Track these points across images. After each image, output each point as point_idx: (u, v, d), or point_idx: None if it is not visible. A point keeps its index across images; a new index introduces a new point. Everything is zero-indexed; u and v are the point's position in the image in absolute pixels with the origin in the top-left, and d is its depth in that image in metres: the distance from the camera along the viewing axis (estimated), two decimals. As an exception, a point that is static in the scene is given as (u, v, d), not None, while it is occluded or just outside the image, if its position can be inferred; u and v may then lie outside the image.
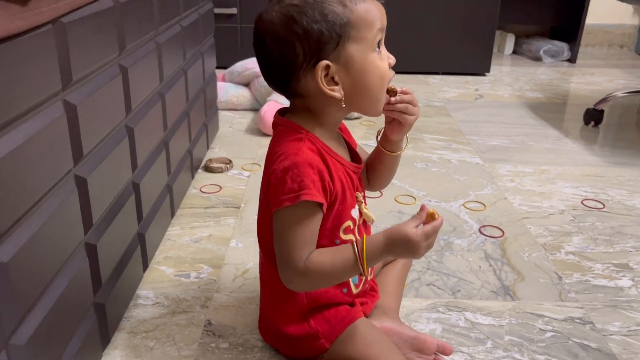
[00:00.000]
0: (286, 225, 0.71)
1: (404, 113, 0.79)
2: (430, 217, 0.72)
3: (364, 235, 0.74)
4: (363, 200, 0.82)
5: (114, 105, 0.86)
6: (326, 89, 0.71)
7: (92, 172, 0.77)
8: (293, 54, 0.70)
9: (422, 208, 0.72)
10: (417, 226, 0.71)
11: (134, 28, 0.95)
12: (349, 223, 0.78)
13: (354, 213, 0.79)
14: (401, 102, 0.78)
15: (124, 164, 0.92)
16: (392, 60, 0.76)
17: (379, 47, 0.73)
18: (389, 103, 0.78)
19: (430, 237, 0.71)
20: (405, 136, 0.85)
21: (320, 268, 0.71)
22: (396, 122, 0.81)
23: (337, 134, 0.81)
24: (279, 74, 0.73)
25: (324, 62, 0.70)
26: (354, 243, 0.72)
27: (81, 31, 0.73)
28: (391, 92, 0.77)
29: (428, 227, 0.70)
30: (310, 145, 0.73)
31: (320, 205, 0.71)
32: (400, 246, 0.70)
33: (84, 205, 0.76)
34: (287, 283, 0.74)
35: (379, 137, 0.87)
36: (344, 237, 0.78)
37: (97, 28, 0.78)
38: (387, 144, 0.86)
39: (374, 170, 0.90)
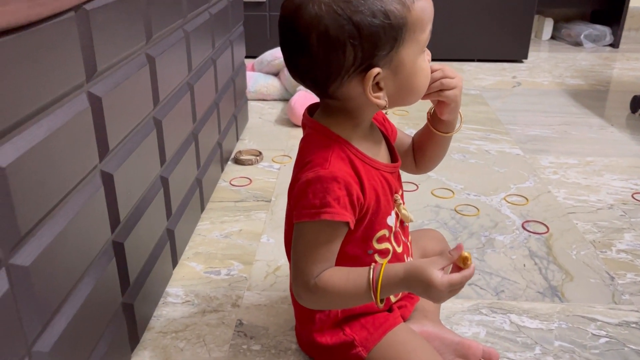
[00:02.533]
0: (304, 240, 0.66)
1: (442, 90, 0.72)
2: (463, 261, 0.63)
3: (384, 263, 0.66)
4: (402, 200, 0.76)
5: (141, 97, 0.82)
6: (372, 96, 0.64)
7: (119, 168, 0.74)
8: (342, 57, 0.61)
9: (458, 247, 0.64)
10: (443, 268, 0.63)
11: (161, 16, 0.91)
12: (384, 232, 0.72)
13: (390, 220, 0.73)
14: (432, 80, 0.71)
15: (152, 158, 0.88)
16: (430, 56, 0.69)
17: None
18: (439, 89, 0.72)
19: (455, 288, 0.63)
20: (458, 114, 0.77)
21: (331, 289, 0.66)
22: (441, 102, 0.74)
23: (372, 127, 0.75)
24: (319, 76, 0.64)
25: (376, 70, 0.62)
26: (371, 269, 0.65)
27: (105, 19, 0.69)
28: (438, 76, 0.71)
29: (456, 276, 0.62)
30: (341, 154, 0.67)
31: (346, 223, 0.65)
32: (420, 288, 0.64)
33: (110, 202, 0.72)
34: (296, 297, 0.69)
35: (430, 117, 0.80)
36: (377, 246, 0.72)
37: (122, 15, 0.74)
38: (439, 125, 0.78)
39: (423, 151, 0.83)
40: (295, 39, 0.63)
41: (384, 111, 0.68)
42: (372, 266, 0.66)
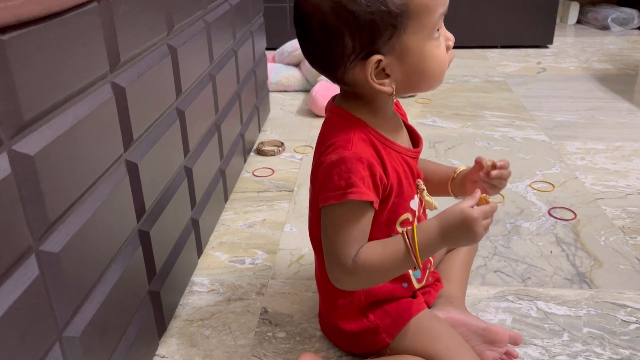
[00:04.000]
0: (334, 223, 0.66)
1: (495, 186, 0.75)
2: (483, 201, 0.67)
3: (415, 224, 0.67)
4: (424, 186, 0.76)
5: (163, 87, 0.83)
6: (375, 83, 0.64)
7: (143, 157, 0.75)
8: (342, 44, 0.62)
9: (476, 191, 0.67)
10: (472, 206, 0.64)
11: (182, 6, 0.91)
12: (407, 215, 0.72)
13: (413, 204, 0.73)
14: (499, 177, 0.74)
15: (176, 149, 0.89)
16: (451, 40, 0.68)
17: (438, 30, 0.65)
18: (487, 174, 0.75)
19: (488, 217, 0.65)
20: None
21: (370, 265, 0.66)
22: (481, 185, 0.76)
23: (394, 114, 0.74)
24: (324, 62, 0.66)
25: (376, 57, 0.62)
26: (405, 233, 0.65)
27: (127, 9, 0.69)
28: (492, 166, 0.75)
29: (485, 206, 0.65)
30: (362, 135, 0.67)
31: (371, 202, 0.65)
32: (456, 227, 0.64)
33: (135, 191, 0.73)
34: (335, 282, 0.69)
35: (455, 179, 0.80)
36: (401, 229, 0.72)
37: (143, 6, 0.75)
38: (459, 192, 0.81)
39: (430, 190, 0.80)
40: (301, 26, 0.65)
41: (393, 98, 0.67)
42: (403, 230, 0.66)
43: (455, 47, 0.69)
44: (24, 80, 0.49)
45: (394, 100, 0.67)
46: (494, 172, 0.74)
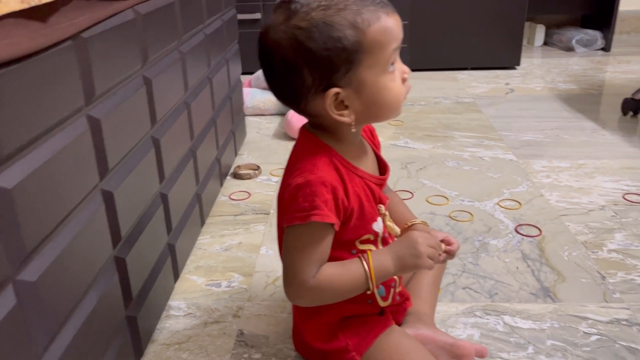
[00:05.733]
0: (297, 242, 0.70)
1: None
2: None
3: (368, 251, 0.73)
4: (386, 212, 0.79)
5: (139, 118, 0.86)
6: (335, 114, 0.68)
7: (119, 186, 0.77)
8: (301, 78, 0.66)
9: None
10: None
11: (157, 39, 0.95)
12: (368, 236, 0.76)
13: (376, 226, 0.76)
14: (448, 253, 0.79)
15: (151, 176, 0.92)
16: (407, 73, 0.72)
17: (393, 64, 0.69)
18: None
19: (430, 240, 0.73)
20: None
21: (329, 284, 0.70)
22: None
23: (360, 142, 0.78)
24: (287, 95, 0.71)
25: (334, 90, 0.67)
26: (361, 257, 0.71)
27: (103, 45, 0.72)
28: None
29: (428, 233, 0.75)
30: (327, 160, 0.71)
31: (332, 225, 0.69)
32: (404, 248, 0.72)
33: (111, 219, 0.76)
34: (293, 298, 0.73)
35: (406, 229, 0.84)
36: (360, 247, 0.76)
37: (119, 41, 0.78)
38: None
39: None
40: (264, 61, 0.69)
41: (352, 129, 0.71)
42: (360, 255, 0.72)
43: (426, 69, 0.74)
44: (1, 118, 0.51)
45: (353, 129, 0.71)
46: (443, 256, 0.78)
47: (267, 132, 1.90)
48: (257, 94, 2.04)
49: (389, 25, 0.67)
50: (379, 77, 0.68)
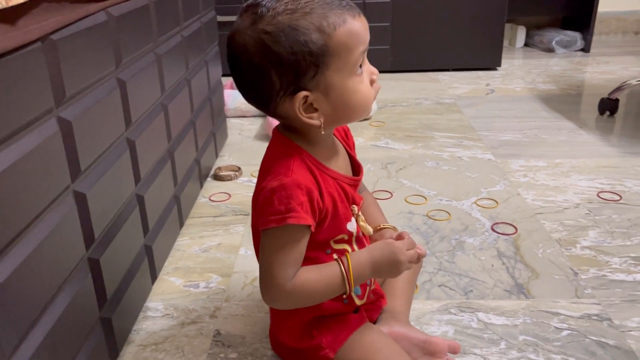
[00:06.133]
0: (273, 246, 0.70)
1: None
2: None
3: (347, 253, 0.74)
4: (359, 213, 0.80)
5: (112, 119, 0.86)
6: (304, 117, 0.69)
7: (92, 187, 0.77)
8: (269, 81, 0.67)
9: (402, 232, 0.79)
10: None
11: (131, 41, 0.95)
12: (342, 236, 0.77)
13: (350, 226, 0.77)
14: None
15: (126, 177, 0.92)
16: (376, 74, 0.74)
17: (361, 66, 0.70)
18: None
19: (410, 248, 0.75)
20: None
21: (306, 287, 0.71)
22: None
23: (332, 143, 0.79)
24: (256, 97, 0.71)
25: (302, 93, 0.67)
26: (339, 260, 0.72)
27: (73, 47, 0.73)
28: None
29: (408, 239, 0.77)
30: (301, 162, 0.71)
31: (309, 226, 0.70)
32: (384, 256, 0.74)
33: (84, 220, 0.76)
34: (270, 302, 0.73)
35: (377, 231, 0.85)
36: (335, 246, 0.77)
37: (90, 43, 0.78)
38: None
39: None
40: (232, 64, 0.70)
41: (322, 131, 0.71)
42: (338, 258, 0.73)
43: (408, 71, 0.75)
44: (-33, 119, 0.52)
45: (323, 132, 0.72)
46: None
47: (249, 133, 1.90)
48: (238, 96, 2.04)
49: (355, 28, 0.68)
50: (347, 79, 0.69)
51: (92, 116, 0.78)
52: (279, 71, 0.66)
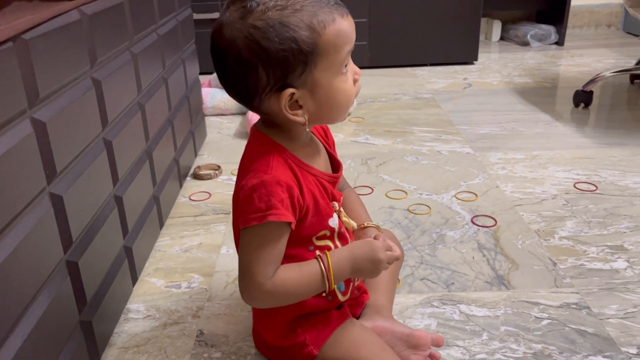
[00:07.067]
0: (253, 244, 0.70)
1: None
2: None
3: (326, 251, 0.74)
4: (341, 209, 0.80)
5: (88, 120, 0.85)
6: (289, 114, 0.69)
7: (69, 189, 0.76)
8: (256, 77, 0.66)
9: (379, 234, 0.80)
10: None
11: (106, 40, 0.94)
12: (324, 232, 0.77)
13: (332, 222, 0.77)
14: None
15: (104, 178, 0.90)
16: (358, 74, 0.74)
17: (346, 66, 0.70)
18: None
19: (389, 249, 0.75)
20: None
21: (287, 285, 0.70)
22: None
23: (311, 140, 0.79)
24: (240, 92, 0.70)
25: (289, 91, 0.67)
26: (319, 257, 0.72)
27: (46, 46, 0.71)
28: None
29: (387, 240, 0.76)
30: (280, 160, 0.71)
31: (289, 223, 0.70)
32: (364, 254, 0.73)
33: (61, 223, 0.75)
34: (249, 300, 0.73)
35: (359, 229, 0.84)
36: (317, 242, 0.77)
37: (63, 42, 0.77)
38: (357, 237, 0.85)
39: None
40: (217, 58, 0.69)
41: (306, 128, 0.72)
42: (318, 255, 0.73)
43: (386, 66, 0.76)
44: (-64, 122, 0.50)
45: (307, 129, 0.72)
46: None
47: (228, 131, 1.89)
48: (217, 94, 2.03)
49: (344, 28, 0.68)
50: (333, 78, 0.69)
51: (67, 117, 0.77)
52: (266, 67, 0.65)
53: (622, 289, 1.01)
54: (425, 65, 2.64)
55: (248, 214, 0.69)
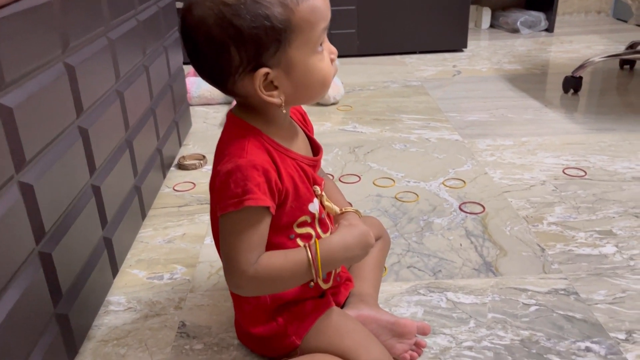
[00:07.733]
0: (233, 230, 0.67)
1: None
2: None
3: (315, 240, 0.71)
4: (323, 193, 0.78)
5: (60, 106, 0.82)
6: (264, 95, 0.66)
7: (40, 178, 0.73)
8: (229, 57, 0.64)
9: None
10: None
11: (79, 24, 0.90)
12: (305, 218, 0.75)
13: (312, 207, 0.75)
14: None
15: (80, 167, 0.88)
16: (334, 54, 0.71)
17: (321, 45, 0.68)
18: None
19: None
20: None
21: (271, 272, 0.68)
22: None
23: (290, 123, 0.77)
24: (213, 74, 0.68)
25: (263, 70, 0.64)
26: (307, 246, 0.69)
27: (12, 29, 0.68)
28: None
29: None
30: (256, 143, 0.69)
31: (267, 208, 0.67)
32: (355, 238, 0.71)
33: (32, 213, 0.72)
34: (234, 288, 0.70)
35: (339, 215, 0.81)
36: (298, 230, 0.74)
37: (32, 25, 0.74)
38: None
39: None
40: (187, 39, 0.66)
41: (283, 109, 0.69)
42: (306, 244, 0.70)
43: (375, 54, 0.73)
44: None
45: (284, 110, 0.69)
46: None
47: (214, 121, 1.86)
48: (202, 83, 2.00)
49: (318, 4, 0.65)
50: (308, 57, 0.67)
51: (36, 103, 0.74)
52: (239, 46, 0.63)
53: (610, 274, 0.99)
54: (415, 52, 2.62)
55: (225, 199, 0.67)
